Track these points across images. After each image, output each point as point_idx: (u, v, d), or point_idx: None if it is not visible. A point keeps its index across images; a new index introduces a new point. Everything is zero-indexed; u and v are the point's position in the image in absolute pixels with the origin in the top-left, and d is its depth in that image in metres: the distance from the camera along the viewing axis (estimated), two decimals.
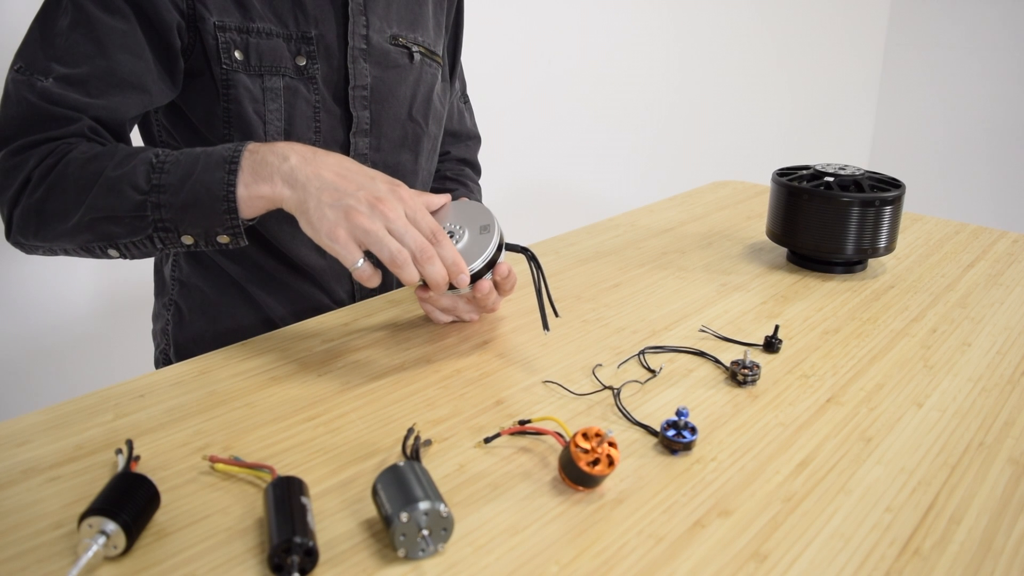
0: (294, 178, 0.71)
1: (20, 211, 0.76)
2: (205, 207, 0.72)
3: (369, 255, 0.72)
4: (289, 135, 0.88)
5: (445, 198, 0.82)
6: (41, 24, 0.79)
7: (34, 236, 0.77)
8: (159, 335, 1.00)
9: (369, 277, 0.72)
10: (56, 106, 0.76)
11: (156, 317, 1.01)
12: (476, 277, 0.77)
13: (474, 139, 1.17)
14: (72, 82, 0.77)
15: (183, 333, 0.97)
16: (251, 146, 0.73)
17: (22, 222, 0.76)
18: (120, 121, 0.80)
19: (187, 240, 0.74)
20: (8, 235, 0.79)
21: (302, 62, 0.87)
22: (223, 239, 0.74)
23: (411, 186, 1.00)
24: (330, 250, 0.71)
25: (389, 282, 1.02)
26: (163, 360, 1.00)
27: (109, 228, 0.74)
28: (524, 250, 0.81)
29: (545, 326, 0.79)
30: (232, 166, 0.71)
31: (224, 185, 0.71)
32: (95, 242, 0.75)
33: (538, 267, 0.80)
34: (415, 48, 0.96)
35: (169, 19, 0.80)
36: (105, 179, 0.73)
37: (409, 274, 0.71)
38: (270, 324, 0.95)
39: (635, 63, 2.34)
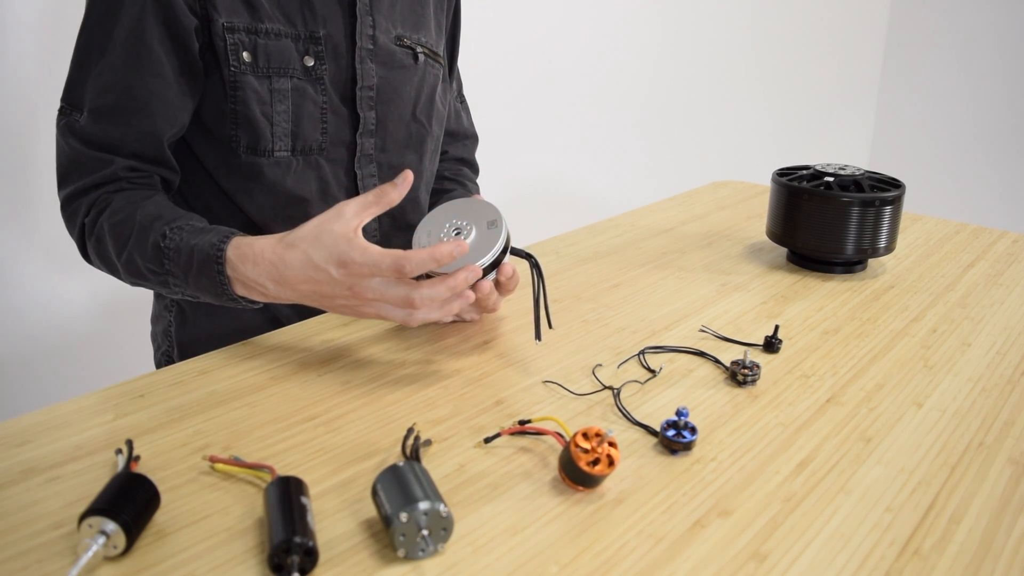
0: (287, 299, 0.76)
1: (91, 252, 0.85)
2: (213, 295, 0.78)
3: None
4: (296, 136, 0.88)
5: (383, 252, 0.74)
6: (76, 54, 0.84)
7: (111, 275, 0.86)
8: (160, 337, 1.00)
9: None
10: (93, 149, 0.82)
11: (156, 319, 1.01)
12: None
13: (471, 138, 1.17)
14: (104, 113, 0.82)
15: (187, 334, 0.97)
16: (227, 257, 0.75)
17: (97, 263, 0.86)
18: (157, 146, 0.84)
19: (211, 301, 0.80)
20: (88, 262, 0.88)
21: (310, 62, 0.87)
22: (239, 306, 0.80)
23: (415, 188, 1.00)
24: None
25: None
26: (165, 362, 1.00)
27: (153, 288, 0.83)
28: (528, 256, 0.81)
29: (538, 336, 0.80)
30: (220, 267, 0.75)
31: (219, 285, 0.76)
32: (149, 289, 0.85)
33: (540, 275, 0.80)
34: (419, 49, 0.96)
35: (188, 24, 0.82)
36: (129, 256, 0.80)
37: (425, 319, 0.73)
38: (276, 323, 0.95)
39: (635, 63, 2.34)
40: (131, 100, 0.82)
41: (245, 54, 0.84)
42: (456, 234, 0.79)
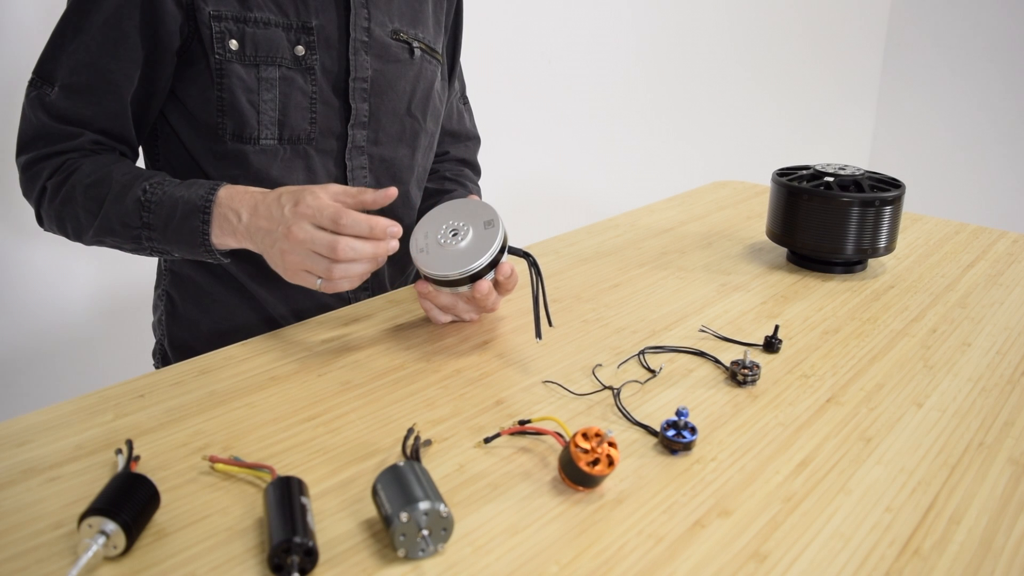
0: (248, 235, 0.79)
1: (45, 215, 0.87)
2: (187, 246, 0.82)
3: None
4: (283, 125, 0.88)
5: (358, 189, 0.79)
6: (55, 33, 0.85)
7: (62, 235, 0.88)
8: (156, 327, 1.01)
9: (337, 288, 0.78)
10: (62, 123, 0.84)
11: (154, 308, 1.02)
12: (478, 276, 0.78)
13: (473, 140, 1.17)
14: (76, 90, 0.84)
15: (177, 323, 0.97)
16: (218, 197, 0.80)
17: (50, 225, 0.88)
18: (124, 126, 0.87)
19: (179, 256, 0.85)
20: (41, 226, 0.90)
21: (301, 52, 0.87)
22: (208, 259, 0.84)
23: (406, 182, 1.00)
24: (295, 283, 0.79)
25: (385, 283, 1.02)
26: (160, 351, 1.01)
27: (117, 245, 0.85)
28: (526, 255, 0.81)
29: (538, 334, 0.80)
30: (205, 216, 0.80)
31: (200, 235, 0.80)
32: (109, 248, 0.87)
33: (538, 273, 0.80)
34: (416, 44, 0.97)
35: (168, 18, 0.82)
36: (105, 214, 0.83)
37: (344, 274, 0.75)
38: (270, 322, 0.95)
39: (635, 63, 2.34)
40: (104, 82, 0.84)
41: (232, 42, 0.84)
42: (453, 235, 0.79)
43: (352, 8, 0.90)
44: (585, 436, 0.58)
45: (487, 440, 0.64)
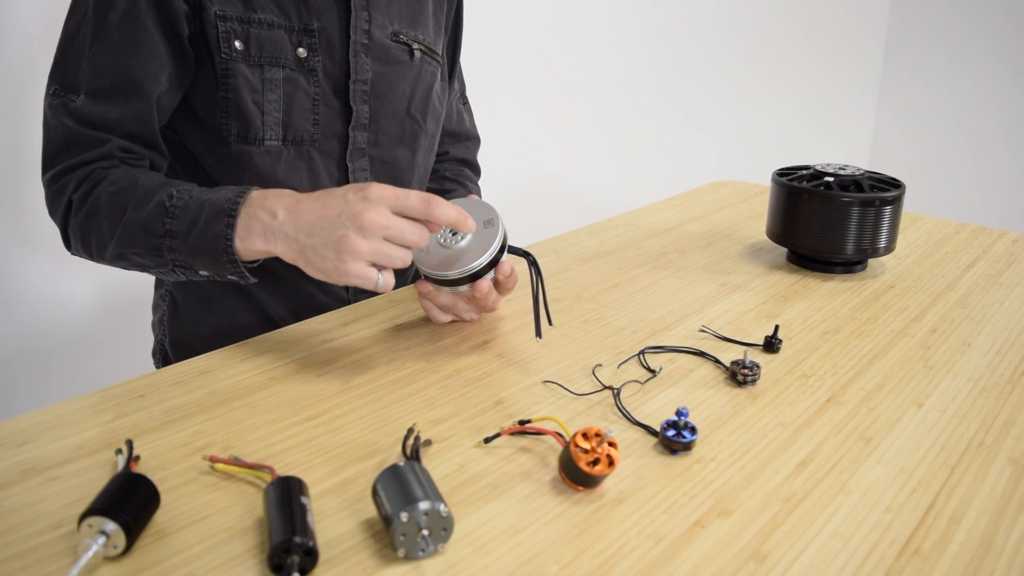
0: (284, 233, 0.72)
1: (71, 232, 0.83)
2: (210, 255, 0.75)
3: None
4: (287, 126, 0.88)
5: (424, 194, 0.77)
6: (68, 39, 0.83)
7: (87, 255, 0.84)
8: (157, 326, 1.01)
9: (393, 285, 0.73)
10: (90, 128, 0.81)
11: (154, 308, 1.02)
12: (478, 275, 0.78)
13: (473, 140, 1.17)
14: (101, 95, 0.82)
15: (178, 324, 0.97)
16: (249, 197, 0.75)
17: (76, 242, 0.84)
18: (151, 128, 0.84)
19: (204, 273, 0.78)
20: (68, 249, 0.86)
21: (303, 54, 0.88)
22: (232, 278, 0.78)
23: (407, 183, 1.00)
24: (346, 283, 0.71)
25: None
26: (160, 351, 1.01)
27: (139, 260, 0.80)
28: (526, 255, 0.81)
29: (538, 333, 0.80)
30: (230, 219, 0.74)
31: (223, 239, 0.74)
32: (132, 268, 0.82)
33: (538, 273, 0.80)
34: (415, 45, 0.97)
35: (179, 8, 0.82)
36: (128, 221, 0.78)
37: (406, 263, 0.72)
38: (270, 322, 0.95)
39: (635, 63, 2.34)
40: (128, 81, 0.82)
41: (237, 43, 0.84)
42: (453, 234, 0.79)
43: (353, 10, 0.90)
44: (585, 436, 0.58)
45: (487, 440, 0.64)
